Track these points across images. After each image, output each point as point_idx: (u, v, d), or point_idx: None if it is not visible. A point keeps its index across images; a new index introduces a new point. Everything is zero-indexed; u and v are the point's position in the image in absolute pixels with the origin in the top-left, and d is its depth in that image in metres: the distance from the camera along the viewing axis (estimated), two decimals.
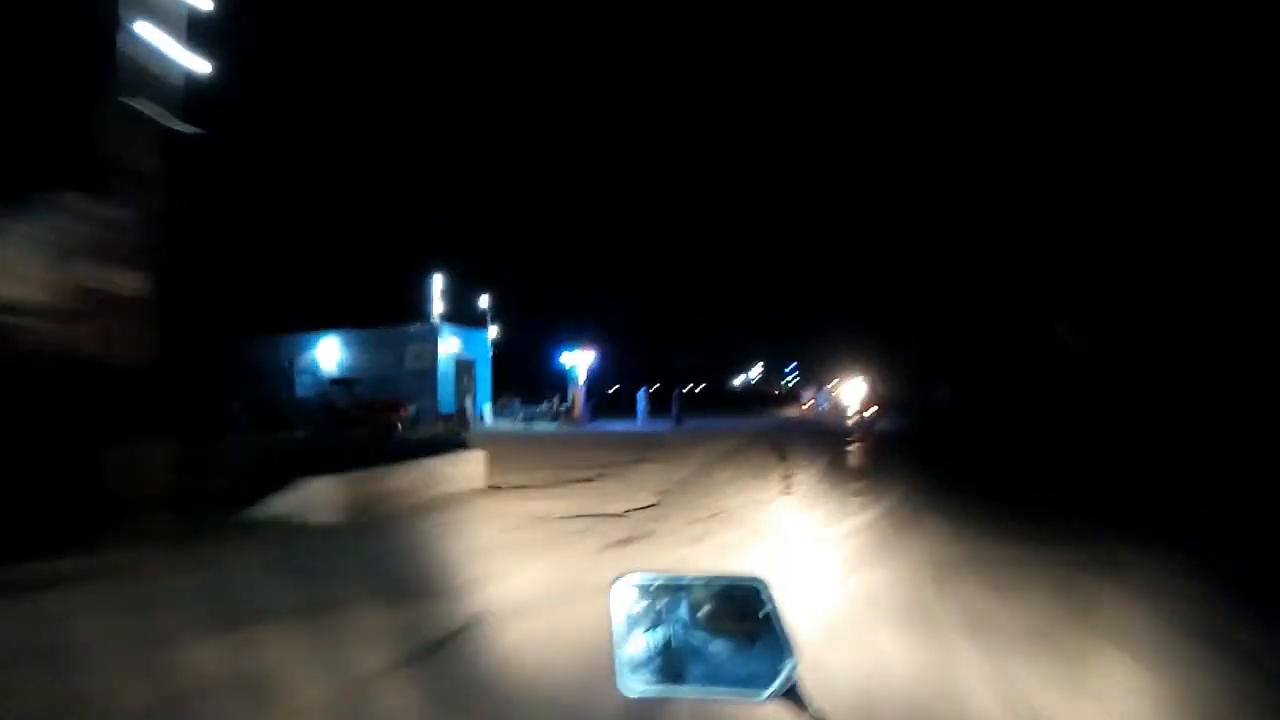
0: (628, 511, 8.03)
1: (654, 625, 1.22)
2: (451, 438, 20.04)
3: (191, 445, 10.29)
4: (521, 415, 27.84)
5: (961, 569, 5.27)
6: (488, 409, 27.51)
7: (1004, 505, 8.40)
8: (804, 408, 39.02)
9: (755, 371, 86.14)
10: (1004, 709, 3.00)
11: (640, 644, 1.21)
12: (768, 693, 1.11)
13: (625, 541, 6.37)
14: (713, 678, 1.19)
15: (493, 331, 29.71)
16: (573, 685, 3.17)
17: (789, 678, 1.11)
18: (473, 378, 27.24)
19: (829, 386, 41.61)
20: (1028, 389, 30.85)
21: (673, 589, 1.24)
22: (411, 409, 21.43)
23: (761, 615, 1.17)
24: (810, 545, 6.13)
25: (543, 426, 26.80)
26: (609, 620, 1.22)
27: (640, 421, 29.49)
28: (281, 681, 3.28)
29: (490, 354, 29.41)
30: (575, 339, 31.65)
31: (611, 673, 1.19)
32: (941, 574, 5.10)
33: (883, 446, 18.12)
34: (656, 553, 5.95)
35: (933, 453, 16.70)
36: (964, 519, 7.36)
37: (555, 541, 6.49)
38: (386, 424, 20.59)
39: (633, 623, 1.22)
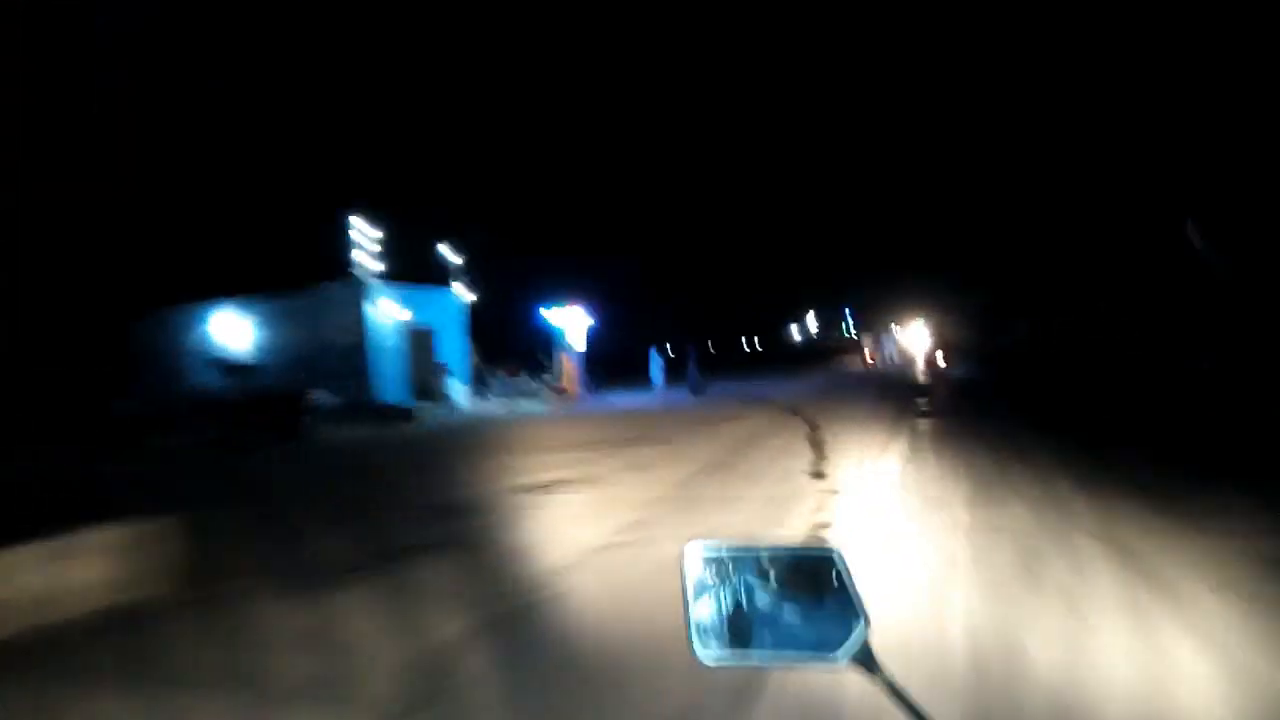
0: None
1: (724, 592, 1.14)
2: (381, 440, 15.03)
3: None
4: (497, 394, 22.16)
5: None
6: (461, 389, 21.87)
7: None
8: (866, 360, 32.68)
9: (808, 322, 79.01)
10: None
11: (711, 611, 1.14)
12: (838, 656, 1.06)
13: None
14: (784, 642, 1.13)
15: (465, 291, 23.60)
16: None
17: (860, 641, 1.05)
18: (431, 351, 21.32)
19: (890, 334, 35.03)
20: (1150, 318, 23.87)
21: (743, 557, 1.16)
22: (317, 398, 16.02)
23: (833, 583, 1.10)
24: None
25: (528, 407, 21.31)
26: (681, 587, 1.14)
27: (656, 391, 23.75)
28: None
29: (464, 319, 23.41)
30: (583, 295, 25.87)
31: (685, 640, 1.12)
32: None
33: (977, 418, 12.08)
34: None
35: (1058, 429, 10.57)
36: None
37: None
38: (288, 423, 15.36)
39: (703, 590, 1.14)
